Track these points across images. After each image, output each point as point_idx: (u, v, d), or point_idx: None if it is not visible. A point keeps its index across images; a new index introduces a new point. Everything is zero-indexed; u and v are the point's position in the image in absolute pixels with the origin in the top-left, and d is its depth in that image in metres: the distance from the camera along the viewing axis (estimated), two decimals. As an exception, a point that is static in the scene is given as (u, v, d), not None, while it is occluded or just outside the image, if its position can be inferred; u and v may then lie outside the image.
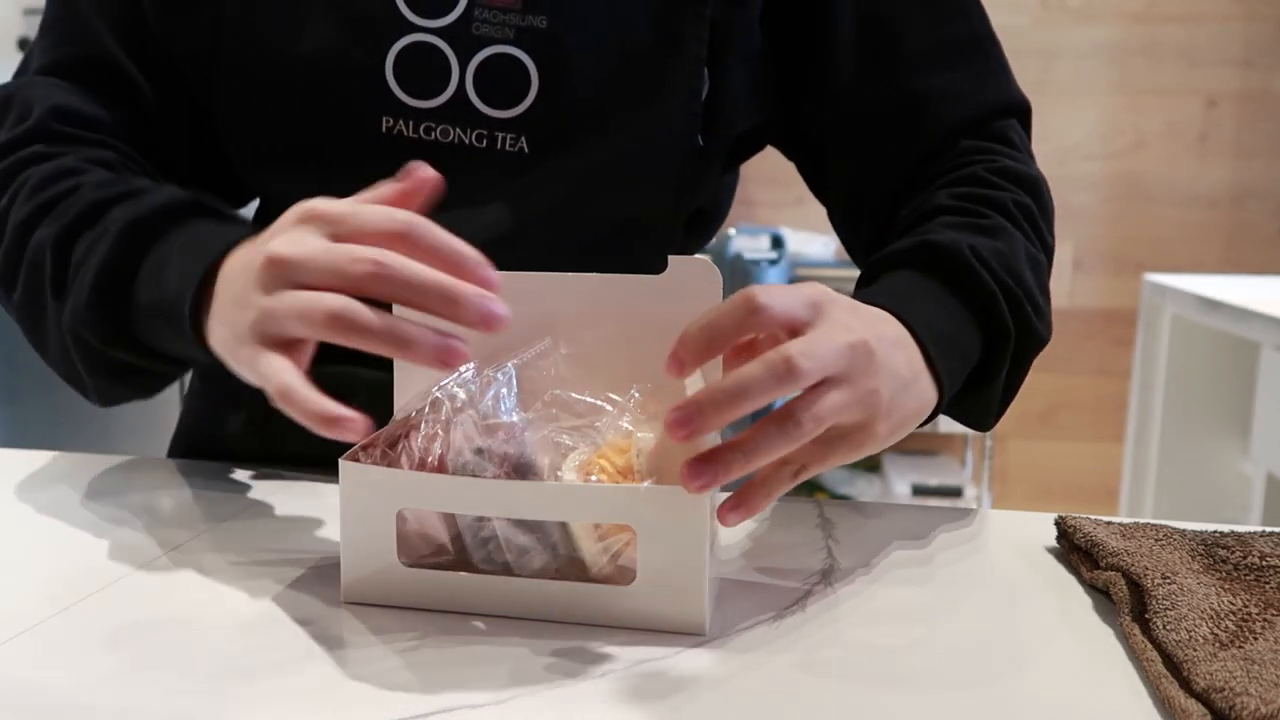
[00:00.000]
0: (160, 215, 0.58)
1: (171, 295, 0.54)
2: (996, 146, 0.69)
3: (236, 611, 0.49)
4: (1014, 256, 0.61)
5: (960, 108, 0.69)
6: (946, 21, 0.70)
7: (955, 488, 2.77)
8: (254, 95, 0.67)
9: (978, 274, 0.58)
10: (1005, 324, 0.59)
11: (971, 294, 0.59)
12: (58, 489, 0.67)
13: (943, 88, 0.69)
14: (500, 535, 0.48)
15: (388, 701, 0.41)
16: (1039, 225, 0.66)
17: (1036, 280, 0.63)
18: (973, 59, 0.71)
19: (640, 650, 0.45)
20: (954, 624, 0.49)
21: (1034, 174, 0.68)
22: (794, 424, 0.44)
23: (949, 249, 0.59)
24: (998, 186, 0.66)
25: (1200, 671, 0.40)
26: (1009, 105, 0.72)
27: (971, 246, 0.59)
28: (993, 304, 0.59)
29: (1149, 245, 2.89)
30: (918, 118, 0.70)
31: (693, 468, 0.43)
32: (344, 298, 0.43)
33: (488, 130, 0.67)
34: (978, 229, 0.62)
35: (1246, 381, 2.11)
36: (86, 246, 0.58)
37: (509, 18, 0.66)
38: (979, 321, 0.59)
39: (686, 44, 0.67)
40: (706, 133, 0.69)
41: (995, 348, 0.59)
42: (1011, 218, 0.64)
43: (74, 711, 0.40)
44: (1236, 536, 0.54)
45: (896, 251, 0.61)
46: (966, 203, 0.64)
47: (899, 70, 0.69)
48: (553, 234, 0.69)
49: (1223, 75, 2.81)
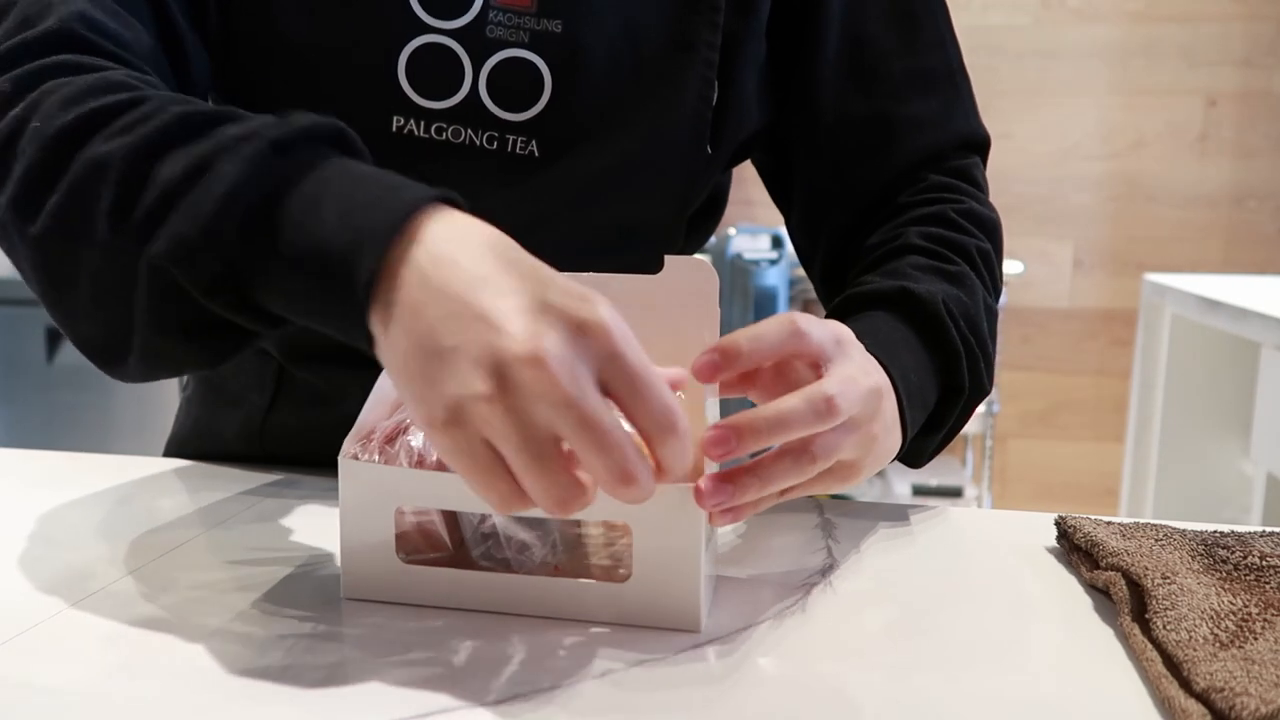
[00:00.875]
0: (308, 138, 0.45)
1: (340, 247, 0.41)
2: (963, 185, 0.72)
3: (236, 611, 0.49)
4: (975, 309, 0.65)
5: (927, 136, 0.72)
6: (924, 51, 0.72)
7: (955, 488, 2.77)
8: (263, 87, 0.67)
9: (948, 330, 0.62)
10: (962, 382, 0.62)
11: (939, 348, 0.62)
12: (57, 489, 0.67)
13: (913, 114, 0.72)
14: (501, 531, 0.48)
15: (388, 701, 0.41)
16: (995, 271, 0.71)
17: (990, 331, 0.66)
18: (944, 90, 0.73)
19: (640, 650, 0.45)
20: (954, 624, 0.49)
21: (994, 218, 0.72)
22: (809, 459, 0.47)
23: (927, 301, 0.62)
24: (964, 230, 0.69)
25: (1200, 671, 0.40)
26: (972, 138, 0.75)
27: (944, 300, 0.62)
28: (956, 362, 0.62)
29: (1149, 245, 2.89)
30: (887, 140, 0.72)
31: (712, 488, 0.45)
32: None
33: (498, 133, 0.67)
34: (946, 276, 0.65)
35: (1246, 381, 2.10)
36: (189, 164, 0.44)
37: (524, 21, 0.66)
38: (939, 373, 0.62)
39: (699, 51, 0.67)
40: (714, 139, 0.70)
41: (948, 401, 0.63)
42: (974, 266, 0.68)
43: (74, 711, 0.40)
44: (1236, 536, 0.54)
45: (878, 292, 0.63)
46: (935, 245, 0.68)
47: (874, 92, 0.72)
48: (558, 236, 0.69)
49: (1223, 75, 2.81)
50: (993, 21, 2.86)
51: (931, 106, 0.73)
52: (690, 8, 0.67)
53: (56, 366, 2.36)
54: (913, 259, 0.67)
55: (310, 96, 0.66)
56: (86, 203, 0.46)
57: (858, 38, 0.71)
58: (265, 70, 0.67)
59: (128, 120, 0.47)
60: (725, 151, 0.72)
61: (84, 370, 2.37)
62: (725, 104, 0.69)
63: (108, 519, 0.62)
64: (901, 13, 0.72)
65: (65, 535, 0.59)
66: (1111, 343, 2.94)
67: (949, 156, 0.73)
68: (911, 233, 0.69)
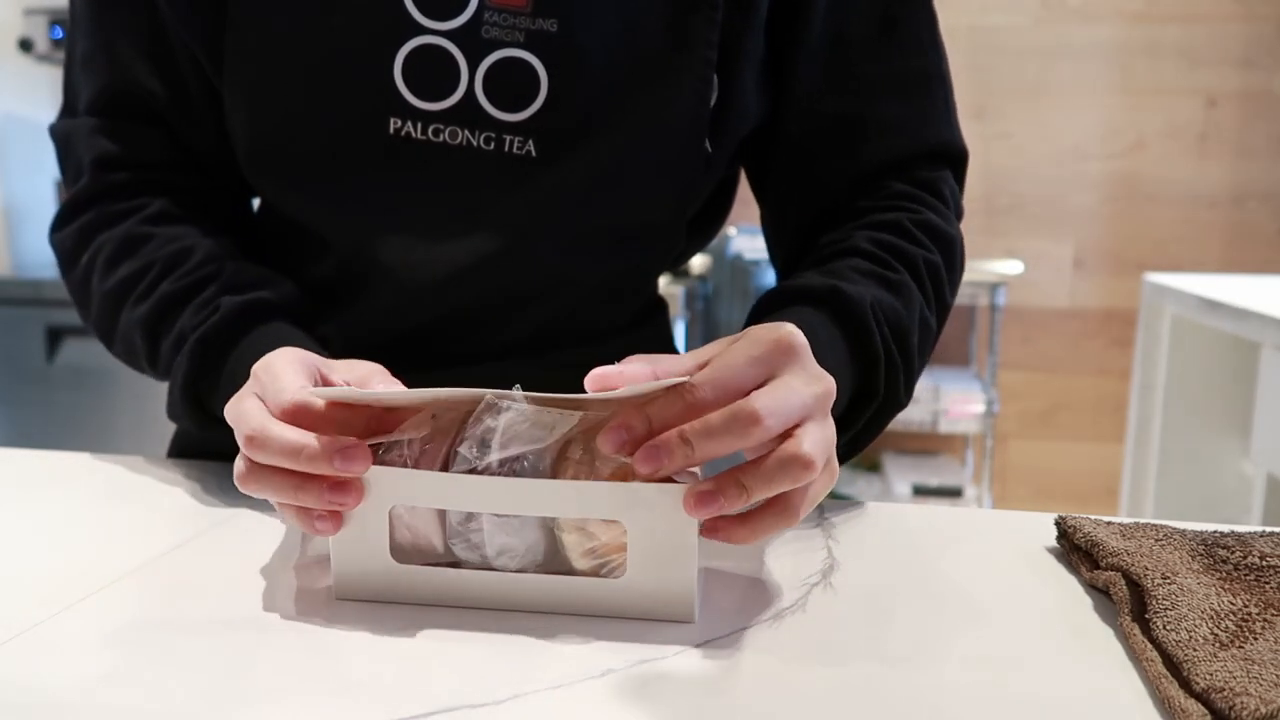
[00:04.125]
0: (223, 333, 0.65)
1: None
2: (925, 197, 0.71)
3: (236, 611, 0.49)
4: (909, 320, 0.64)
5: (896, 140, 0.71)
6: (903, 54, 0.71)
7: (955, 488, 2.77)
8: (260, 91, 0.67)
9: (871, 335, 0.61)
10: (876, 387, 0.62)
11: (860, 350, 0.61)
12: (58, 489, 0.67)
13: (884, 117, 0.71)
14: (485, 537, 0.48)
15: (387, 701, 0.41)
16: (942, 287, 0.69)
17: (920, 345, 0.66)
18: (919, 96, 0.72)
19: (640, 650, 0.45)
20: (954, 624, 0.49)
21: (952, 234, 0.71)
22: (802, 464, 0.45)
23: (855, 302, 0.61)
24: (916, 241, 0.68)
25: (1200, 671, 0.40)
26: (946, 148, 0.73)
27: (874, 304, 0.62)
28: (873, 368, 0.62)
29: (1149, 245, 2.89)
30: (854, 140, 0.71)
31: (699, 500, 0.45)
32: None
33: (495, 133, 0.66)
34: (885, 283, 0.65)
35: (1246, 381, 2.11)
36: (170, 345, 0.67)
37: (519, 21, 0.65)
38: (856, 377, 0.62)
39: (697, 49, 0.67)
40: (714, 138, 0.69)
41: (858, 406, 0.63)
42: (918, 277, 0.67)
43: (74, 711, 0.40)
44: (1236, 536, 0.54)
45: (808, 288, 0.63)
46: (882, 251, 0.67)
47: (846, 91, 0.71)
48: (558, 237, 0.69)
49: (1223, 75, 2.81)
50: (993, 21, 2.86)
51: (904, 111, 0.71)
52: (688, 6, 0.67)
53: (56, 366, 2.36)
54: (855, 261, 0.66)
55: (309, 101, 0.66)
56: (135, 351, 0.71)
57: (839, 35, 0.71)
58: (265, 76, 0.67)
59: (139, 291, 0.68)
60: (726, 150, 0.71)
61: (84, 370, 2.37)
62: (725, 102, 0.69)
63: (108, 519, 0.62)
64: (884, 14, 0.71)
65: (65, 535, 0.59)
66: (1111, 343, 2.94)
67: (918, 165, 0.72)
68: (860, 236, 0.68)
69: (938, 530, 0.62)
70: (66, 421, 2.38)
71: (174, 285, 0.67)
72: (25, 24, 2.62)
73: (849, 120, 0.71)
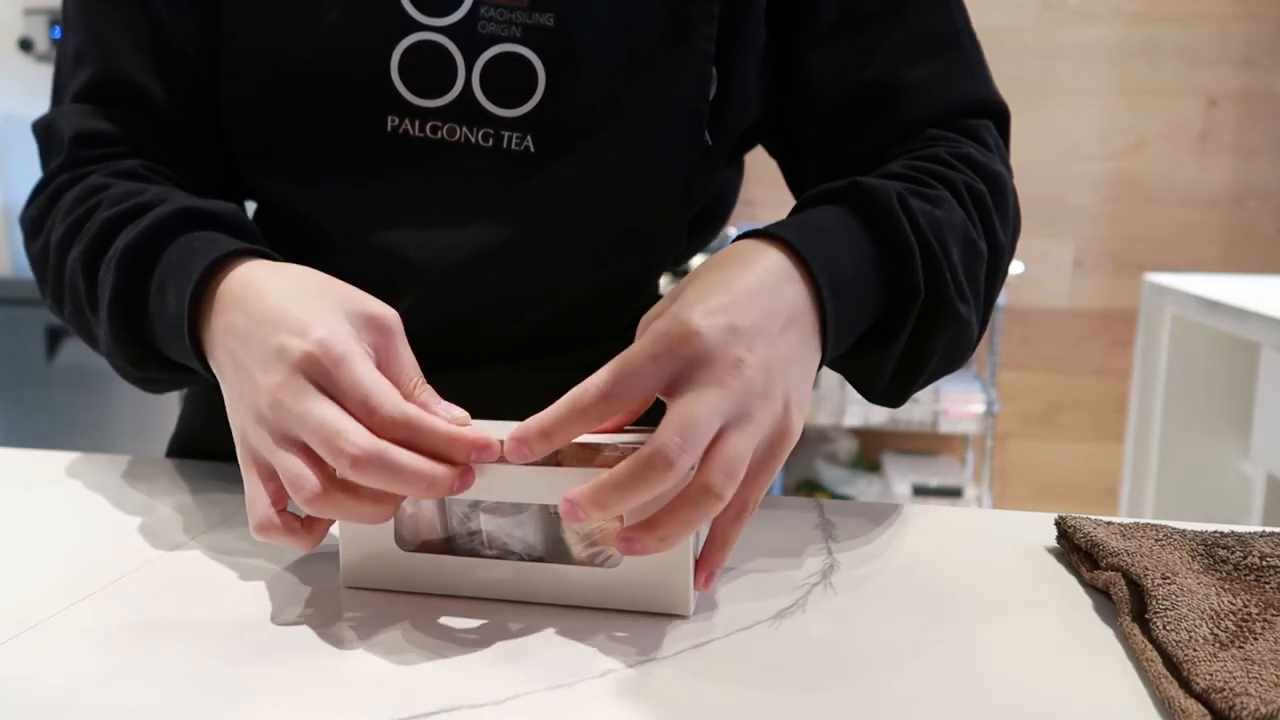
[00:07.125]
0: (152, 236, 0.58)
1: (173, 320, 0.56)
2: (964, 140, 0.68)
3: (236, 611, 0.49)
4: (948, 228, 0.57)
5: (931, 100, 0.68)
6: (924, 14, 0.69)
7: (955, 488, 2.77)
8: (256, 90, 0.67)
9: (898, 222, 0.54)
10: (916, 284, 0.55)
11: (888, 242, 0.55)
12: (58, 489, 0.67)
13: (915, 80, 0.68)
14: (484, 526, 0.49)
15: (387, 701, 0.41)
16: (990, 215, 0.62)
17: (965, 262, 0.58)
18: (948, 55, 0.69)
19: (640, 649, 0.45)
20: (954, 624, 0.49)
21: (998, 170, 0.65)
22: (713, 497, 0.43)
23: (877, 191, 0.55)
24: (954, 168, 0.63)
25: (1200, 672, 0.40)
26: (982, 104, 0.70)
27: (901, 196, 0.56)
28: (908, 260, 0.54)
29: (1149, 245, 2.89)
30: (888, 110, 0.68)
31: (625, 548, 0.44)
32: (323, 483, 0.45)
33: (494, 129, 0.66)
34: (919, 193, 0.59)
35: (1246, 381, 2.11)
36: (104, 271, 0.60)
37: (516, 16, 0.65)
38: (889, 277, 0.55)
39: (695, 42, 0.66)
40: (714, 131, 0.69)
41: (901, 307, 0.56)
42: (959, 197, 0.61)
43: (74, 711, 0.40)
44: (1236, 536, 0.54)
45: (826, 190, 0.58)
46: (918, 173, 0.62)
47: (873, 62, 0.68)
48: (559, 233, 0.69)
49: (1223, 75, 2.81)
50: (993, 21, 2.86)
51: (934, 71, 0.68)
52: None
53: (56, 366, 2.36)
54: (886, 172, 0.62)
55: (305, 102, 0.66)
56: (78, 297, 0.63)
57: (854, 9, 0.68)
58: (260, 76, 0.67)
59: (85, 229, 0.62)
60: (726, 142, 0.71)
61: (84, 370, 2.37)
62: (724, 94, 0.69)
63: (108, 519, 0.62)
64: None
65: (65, 535, 0.59)
66: (1111, 343, 2.94)
67: (956, 119, 0.68)
68: (895, 164, 0.63)
69: (937, 530, 0.62)
70: (66, 421, 2.38)
71: (112, 210, 0.61)
72: (25, 24, 2.62)
73: (879, 90, 0.68)
